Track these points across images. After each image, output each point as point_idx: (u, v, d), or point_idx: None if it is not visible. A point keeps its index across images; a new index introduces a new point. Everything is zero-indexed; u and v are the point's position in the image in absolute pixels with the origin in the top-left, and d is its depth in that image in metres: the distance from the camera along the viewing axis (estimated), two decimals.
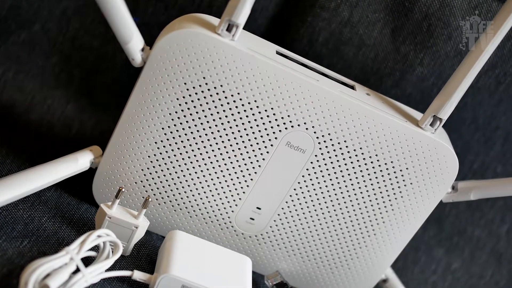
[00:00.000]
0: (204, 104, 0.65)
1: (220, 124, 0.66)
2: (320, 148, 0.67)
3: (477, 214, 0.92)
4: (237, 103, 0.65)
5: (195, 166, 0.68)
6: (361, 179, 0.69)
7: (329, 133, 0.66)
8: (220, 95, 0.64)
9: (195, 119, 0.66)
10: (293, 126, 0.66)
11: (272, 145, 0.67)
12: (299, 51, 0.80)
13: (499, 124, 0.86)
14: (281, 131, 0.66)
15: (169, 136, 0.66)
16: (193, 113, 0.65)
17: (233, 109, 0.65)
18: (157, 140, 0.67)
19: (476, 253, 0.93)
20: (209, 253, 0.66)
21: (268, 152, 0.67)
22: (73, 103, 0.84)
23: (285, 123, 0.66)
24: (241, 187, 0.69)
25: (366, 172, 0.68)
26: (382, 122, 0.66)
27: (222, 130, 0.66)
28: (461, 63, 0.66)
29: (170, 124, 0.66)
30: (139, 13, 0.80)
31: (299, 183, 0.69)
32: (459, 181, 0.72)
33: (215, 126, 0.66)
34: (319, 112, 0.65)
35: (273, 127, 0.66)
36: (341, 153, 0.67)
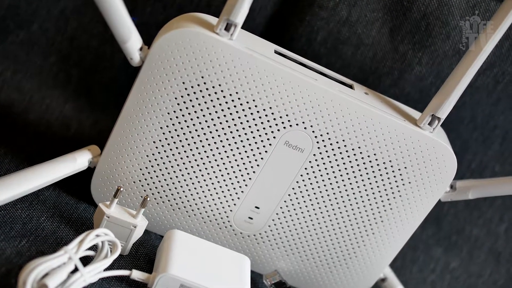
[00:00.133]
0: (202, 103, 0.65)
1: (218, 123, 0.66)
2: (318, 147, 0.67)
3: (476, 213, 0.92)
4: (235, 102, 0.65)
5: (194, 165, 0.68)
6: (360, 178, 0.69)
7: (327, 133, 0.66)
8: (218, 94, 0.64)
9: (193, 119, 0.66)
10: (291, 125, 0.66)
11: (270, 144, 0.67)
12: (298, 50, 0.80)
13: (497, 123, 0.86)
14: (279, 130, 0.66)
15: (168, 135, 0.66)
16: (191, 113, 0.65)
17: (232, 108, 0.65)
18: (155, 139, 0.67)
19: (474, 252, 0.93)
20: (207, 252, 0.66)
21: (266, 151, 0.67)
22: (71, 103, 0.84)
23: (284, 123, 0.66)
24: (240, 187, 0.69)
25: (364, 171, 0.68)
26: (380, 121, 0.66)
27: (220, 129, 0.66)
28: (460, 62, 0.66)
29: (168, 123, 0.66)
30: (137, 12, 0.80)
31: (297, 182, 0.69)
32: (457, 180, 0.72)
33: (213, 125, 0.66)
34: (317, 111, 0.65)
35: (272, 126, 0.66)
36: (339, 153, 0.67)
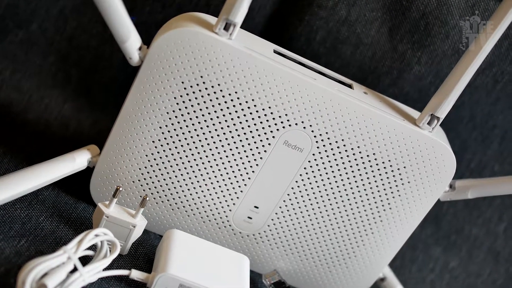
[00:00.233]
0: (201, 103, 0.65)
1: (217, 123, 0.66)
2: (317, 147, 0.67)
3: (475, 212, 0.92)
4: (234, 102, 0.65)
5: (193, 165, 0.68)
6: (359, 178, 0.69)
7: (326, 132, 0.66)
8: (217, 94, 0.64)
9: (193, 118, 0.66)
10: (290, 125, 0.66)
11: (269, 144, 0.67)
12: (297, 50, 0.80)
13: (496, 122, 0.86)
14: (278, 130, 0.66)
15: (167, 135, 0.66)
16: (191, 112, 0.65)
17: (231, 108, 0.65)
18: (155, 139, 0.67)
19: (473, 251, 0.93)
20: (207, 252, 0.66)
21: (265, 151, 0.67)
22: (70, 102, 0.84)
23: (283, 122, 0.66)
24: (239, 186, 0.69)
25: (363, 171, 0.68)
26: (379, 121, 0.66)
27: (219, 129, 0.66)
28: (459, 62, 0.66)
29: (167, 123, 0.66)
30: (136, 12, 0.80)
31: (296, 182, 0.69)
32: (456, 179, 0.72)
33: (212, 125, 0.66)
34: (316, 111, 0.65)
35: (271, 126, 0.66)
36: (338, 152, 0.67)
